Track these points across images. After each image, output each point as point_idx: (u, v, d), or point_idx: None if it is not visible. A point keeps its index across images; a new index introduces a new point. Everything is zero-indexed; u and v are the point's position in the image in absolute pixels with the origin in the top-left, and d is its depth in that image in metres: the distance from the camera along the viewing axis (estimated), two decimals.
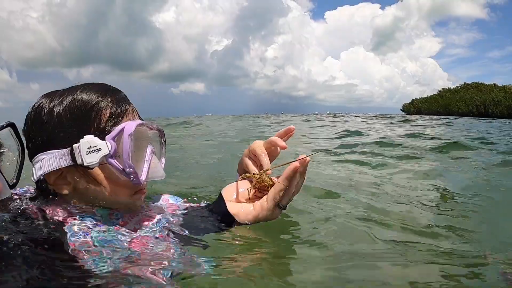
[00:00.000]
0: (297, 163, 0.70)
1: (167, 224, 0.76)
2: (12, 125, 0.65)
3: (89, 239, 0.61)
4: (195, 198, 1.03)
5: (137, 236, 0.68)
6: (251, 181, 0.80)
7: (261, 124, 9.90)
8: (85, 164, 0.62)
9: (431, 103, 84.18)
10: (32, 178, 0.67)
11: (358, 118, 12.98)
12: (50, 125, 0.65)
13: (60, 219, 0.64)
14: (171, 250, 0.67)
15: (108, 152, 0.62)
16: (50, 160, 0.63)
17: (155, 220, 0.76)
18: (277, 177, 0.76)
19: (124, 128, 0.63)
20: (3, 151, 0.67)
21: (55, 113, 0.65)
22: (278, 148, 0.83)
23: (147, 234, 0.70)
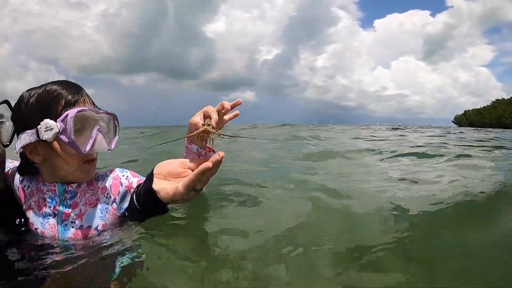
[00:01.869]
0: (209, 164, 0.78)
1: (105, 212, 0.98)
2: (7, 102, 0.91)
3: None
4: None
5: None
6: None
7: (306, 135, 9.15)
8: (44, 138, 0.86)
9: (484, 115, 77.88)
10: (15, 151, 0.89)
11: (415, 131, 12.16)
12: (26, 112, 0.89)
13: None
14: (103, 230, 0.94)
15: (58, 130, 0.85)
16: (25, 137, 0.87)
17: (98, 207, 0.98)
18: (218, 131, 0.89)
19: (68, 113, 0.86)
20: (3, 121, 0.92)
21: (29, 103, 0.89)
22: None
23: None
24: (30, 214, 0.95)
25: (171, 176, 0.87)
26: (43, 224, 0.94)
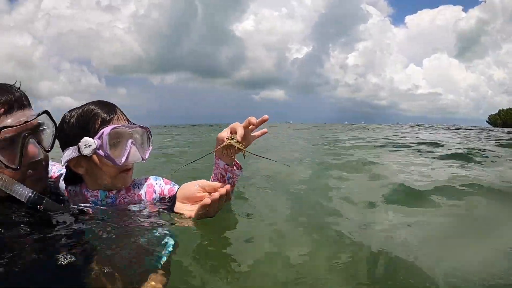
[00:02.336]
0: (208, 201, 0.91)
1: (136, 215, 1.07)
2: (47, 112, 0.98)
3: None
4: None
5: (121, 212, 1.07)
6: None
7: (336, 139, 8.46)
8: (84, 154, 0.98)
9: None
10: (61, 164, 1.03)
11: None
12: (68, 131, 1.02)
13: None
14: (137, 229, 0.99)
15: (96, 146, 0.98)
16: (68, 153, 1.01)
17: (131, 211, 1.07)
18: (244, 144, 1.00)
19: (103, 131, 0.98)
20: (44, 128, 0.99)
21: (70, 123, 1.02)
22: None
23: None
24: None
25: (190, 201, 1.01)
26: None
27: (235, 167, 1.12)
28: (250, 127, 1.03)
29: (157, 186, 1.15)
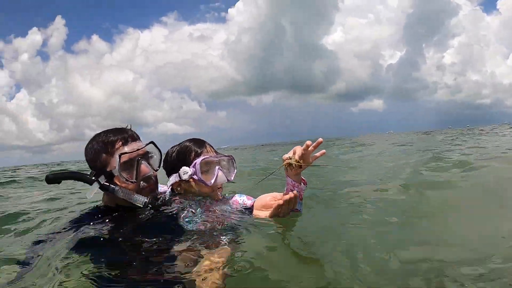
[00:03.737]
0: (281, 202, 1.23)
1: (226, 213, 1.40)
2: (152, 142, 1.36)
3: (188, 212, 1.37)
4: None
5: (210, 214, 1.38)
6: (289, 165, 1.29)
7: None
8: (183, 179, 1.38)
9: None
10: (167, 186, 1.50)
11: None
12: (171, 162, 1.44)
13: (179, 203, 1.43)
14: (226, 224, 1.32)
15: (191, 173, 1.36)
16: (172, 178, 1.43)
17: (222, 211, 1.40)
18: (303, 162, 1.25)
19: (196, 161, 1.36)
20: (152, 155, 1.36)
21: (172, 157, 1.43)
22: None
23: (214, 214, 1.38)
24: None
25: (265, 208, 1.35)
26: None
27: (302, 184, 1.35)
28: (309, 149, 1.27)
29: (240, 200, 1.50)
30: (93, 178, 1.24)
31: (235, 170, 1.48)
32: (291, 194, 1.22)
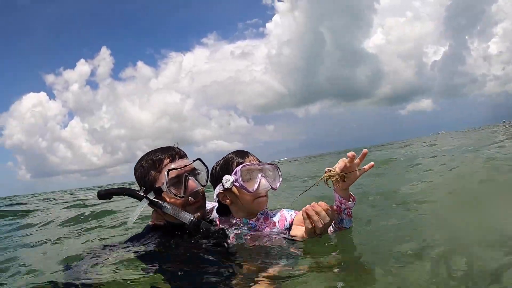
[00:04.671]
0: (304, 213, 1.23)
1: (270, 241, 1.33)
2: (199, 159, 1.41)
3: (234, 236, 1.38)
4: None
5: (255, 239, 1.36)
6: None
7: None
8: (226, 187, 1.36)
9: None
10: (214, 198, 1.47)
11: None
12: (215, 175, 1.43)
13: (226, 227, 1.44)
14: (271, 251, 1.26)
15: (233, 180, 1.35)
16: (217, 189, 1.42)
17: (266, 237, 1.36)
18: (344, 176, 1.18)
19: (236, 169, 1.36)
20: (199, 172, 1.40)
21: (217, 170, 1.44)
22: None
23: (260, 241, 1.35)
24: None
25: (303, 223, 1.27)
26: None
27: (349, 200, 1.28)
28: (355, 161, 1.18)
29: (288, 216, 1.42)
30: (143, 194, 1.28)
31: (280, 179, 1.44)
32: (321, 205, 1.20)
